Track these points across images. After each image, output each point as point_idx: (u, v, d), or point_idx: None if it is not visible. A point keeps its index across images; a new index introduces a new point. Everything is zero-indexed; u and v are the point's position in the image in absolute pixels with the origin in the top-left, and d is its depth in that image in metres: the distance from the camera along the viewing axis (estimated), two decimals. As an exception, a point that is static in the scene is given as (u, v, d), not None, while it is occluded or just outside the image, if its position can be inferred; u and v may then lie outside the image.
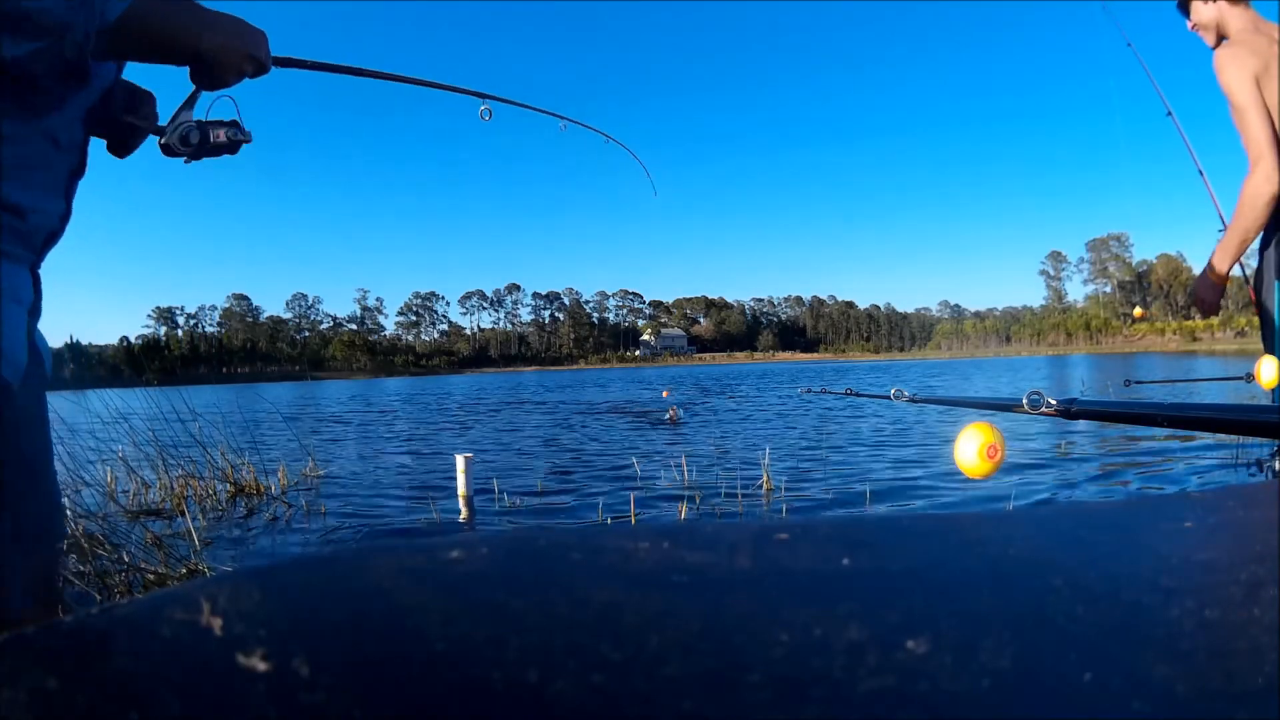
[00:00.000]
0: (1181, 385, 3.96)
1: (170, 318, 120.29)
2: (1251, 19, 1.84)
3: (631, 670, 0.12)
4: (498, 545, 0.17)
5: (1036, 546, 0.19)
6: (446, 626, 0.13)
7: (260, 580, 0.14)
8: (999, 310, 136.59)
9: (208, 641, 0.12)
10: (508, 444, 6.70)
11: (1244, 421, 0.75)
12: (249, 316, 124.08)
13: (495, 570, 0.16)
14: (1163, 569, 0.18)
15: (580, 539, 0.18)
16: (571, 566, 0.16)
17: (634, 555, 0.16)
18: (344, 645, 0.12)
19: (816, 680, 0.12)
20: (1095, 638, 0.14)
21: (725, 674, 0.12)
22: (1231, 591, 0.16)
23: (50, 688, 0.11)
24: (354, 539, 3.03)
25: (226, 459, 4.14)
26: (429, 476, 4.65)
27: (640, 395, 14.40)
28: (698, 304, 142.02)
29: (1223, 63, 1.77)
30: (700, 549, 0.17)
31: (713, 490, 3.67)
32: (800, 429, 6.98)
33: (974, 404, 1.25)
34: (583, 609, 0.14)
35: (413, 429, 8.93)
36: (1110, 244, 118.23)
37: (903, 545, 0.19)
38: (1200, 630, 0.14)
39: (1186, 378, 4.54)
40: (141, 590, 2.14)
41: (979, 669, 0.12)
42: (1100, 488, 3.63)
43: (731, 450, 5.43)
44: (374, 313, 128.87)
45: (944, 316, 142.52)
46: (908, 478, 3.96)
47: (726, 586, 0.15)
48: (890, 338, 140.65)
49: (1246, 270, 2.02)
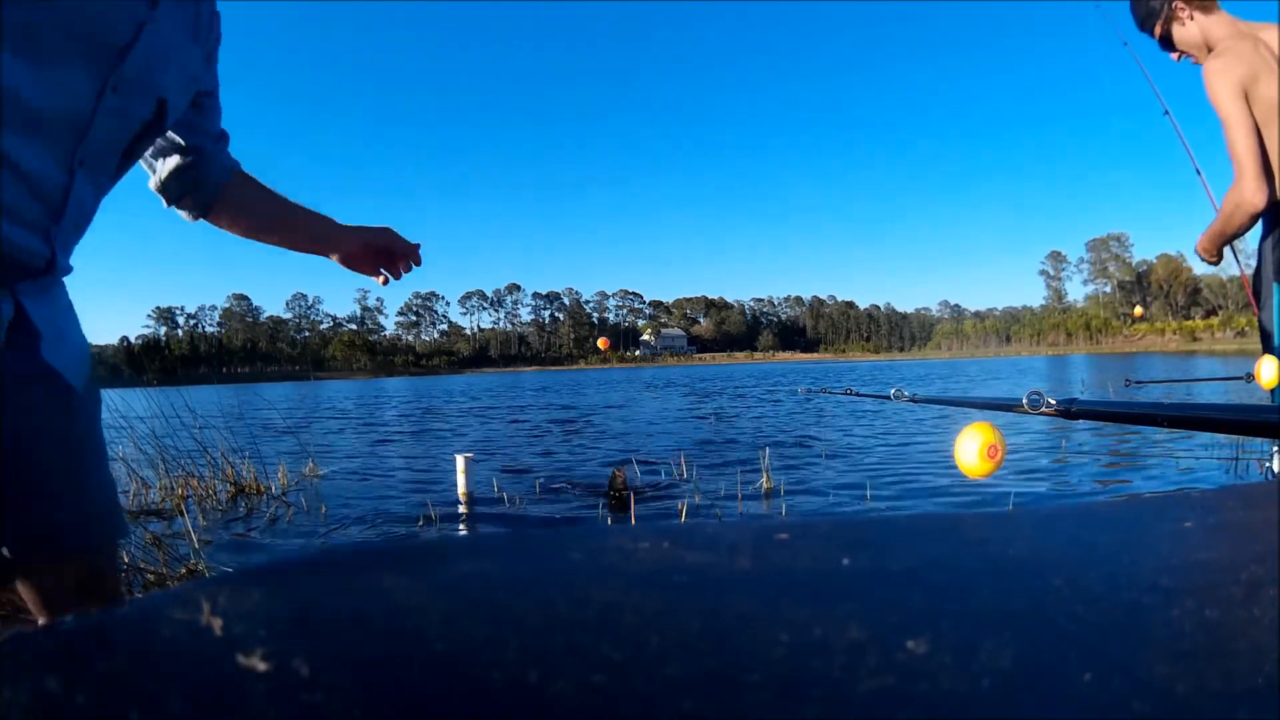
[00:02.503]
0: (1181, 385, 3.96)
1: (170, 318, 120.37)
2: (1230, 24, 1.84)
3: (631, 670, 0.12)
4: (498, 545, 0.17)
5: (1036, 546, 0.19)
6: (446, 626, 0.13)
7: (260, 580, 0.14)
8: (999, 310, 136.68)
9: (208, 641, 0.12)
10: (508, 444, 6.70)
11: (1244, 421, 0.75)
12: (249, 316, 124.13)
13: (495, 570, 0.16)
14: (1163, 569, 0.18)
15: (580, 539, 0.18)
16: (571, 566, 0.16)
17: (634, 555, 0.16)
18: (344, 645, 0.12)
19: (816, 680, 0.12)
20: (1095, 638, 0.14)
21: (725, 674, 0.12)
22: (1231, 591, 0.16)
23: (50, 688, 0.11)
24: (354, 539, 3.02)
25: (226, 459, 4.14)
26: (429, 476, 4.65)
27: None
28: (698, 304, 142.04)
29: (1209, 75, 1.78)
30: (700, 549, 0.17)
31: (713, 490, 3.68)
32: (800, 429, 6.98)
33: (974, 404, 1.24)
34: (583, 609, 0.14)
35: (413, 429, 8.93)
36: (1110, 244, 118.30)
37: (903, 545, 0.19)
38: (1200, 630, 0.14)
39: (1186, 378, 4.55)
40: (141, 590, 2.14)
41: (979, 669, 0.12)
42: (1100, 488, 3.63)
43: (731, 450, 5.43)
44: (374, 313, 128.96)
45: (944, 316, 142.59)
46: (908, 478, 3.96)
47: (726, 586, 0.15)
48: (890, 338, 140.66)
49: (1246, 270, 2.02)
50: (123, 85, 0.70)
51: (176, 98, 0.79)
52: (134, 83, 0.71)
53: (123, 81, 0.70)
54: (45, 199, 0.67)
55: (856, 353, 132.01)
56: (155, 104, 0.76)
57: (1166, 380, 4.08)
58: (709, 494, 3.58)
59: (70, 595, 0.77)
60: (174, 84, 0.78)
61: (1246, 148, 1.71)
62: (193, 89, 0.83)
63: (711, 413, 9.63)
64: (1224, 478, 3.67)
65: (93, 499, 0.80)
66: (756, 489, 3.68)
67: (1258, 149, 1.71)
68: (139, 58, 0.71)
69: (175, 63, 0.77)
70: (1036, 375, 20.33)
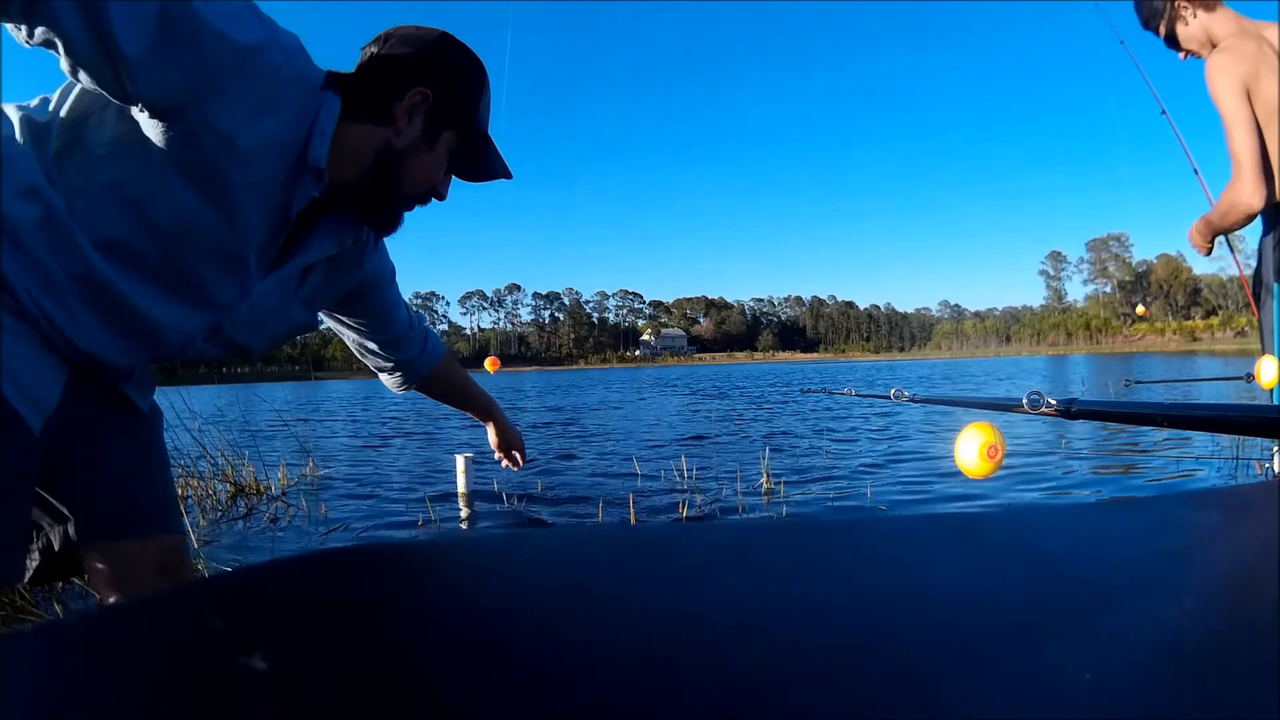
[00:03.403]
0: (1181, 385, 3.96)
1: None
2: (1235, 21, 1.83)
3: (632, 670, 0.12)
4: (497, 545, 0.17)
5: (1037, 546, 0.19)
6: (446, 626, 0.13)
7: (260, 580, 0.14)
8: (999, 310, 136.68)
9: (208, 641, 0.12)
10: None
11: (1244, 421, 0.75)
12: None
13: (495, 570, 0.16)
14: (1163, 569, 0.18)
15: (580, 539, 0.18)
16: (571, 566, 0.16)
17: (632, 555, 0.16)
18: (344, 645, 0.12)
19: (818, 680, 0.12)
20: (1095, 637, 0.14)
21: (726, 674, 0.12)
22: (1231, 591, 0.16)
23: (50, 688, 0.11)
24: (354, 539, 3.02)
25: (226, 459, 4.14)
26: (429, 476, 4.65)
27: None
28: (698, 304, 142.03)
29: (1211, 72, 1.77)
30: (700, 549, 0.17)
31: (713, 490, 3.68)
32: (800, 429, 6.98)
33: (974, 404, 1.24)
34: (582, 607, 0.14)
35: (413, 429, 8.92)
36: (1110, 244, 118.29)
37: (903, 545, 0.19)
38: (1200, 630, 0.14)
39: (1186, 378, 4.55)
40: (141, 590, 2.13)
41: (979, 669, 0.12)
42: (1100, 488, 3.63)
43: (731, 450, 5.43)
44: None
45: (944, 316, 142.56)
46: (908, 478, 3.96)
47: (727, 586, 0.15)
48: (890, 338, 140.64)
49: (1246, 271, 2.02)
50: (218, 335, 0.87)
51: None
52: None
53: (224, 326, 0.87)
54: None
55: (856, 353, 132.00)
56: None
57: (1166, 380, 4.08)
58: (709, 494, 3.58)
59: (154, 576, 0.89)
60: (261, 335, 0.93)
61: (1246, 147, 1.70)
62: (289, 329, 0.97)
63: (712, 412, 9.63)
64: (1224, 478, 3.67)
65: (158, 490, 0.93)
66: (757, 488, 3.68)
67: (1257, 149, 1.70)
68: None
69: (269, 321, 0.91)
70: (1038, 375, 20.34)
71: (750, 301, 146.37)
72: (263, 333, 0.91)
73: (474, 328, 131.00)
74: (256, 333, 0.90)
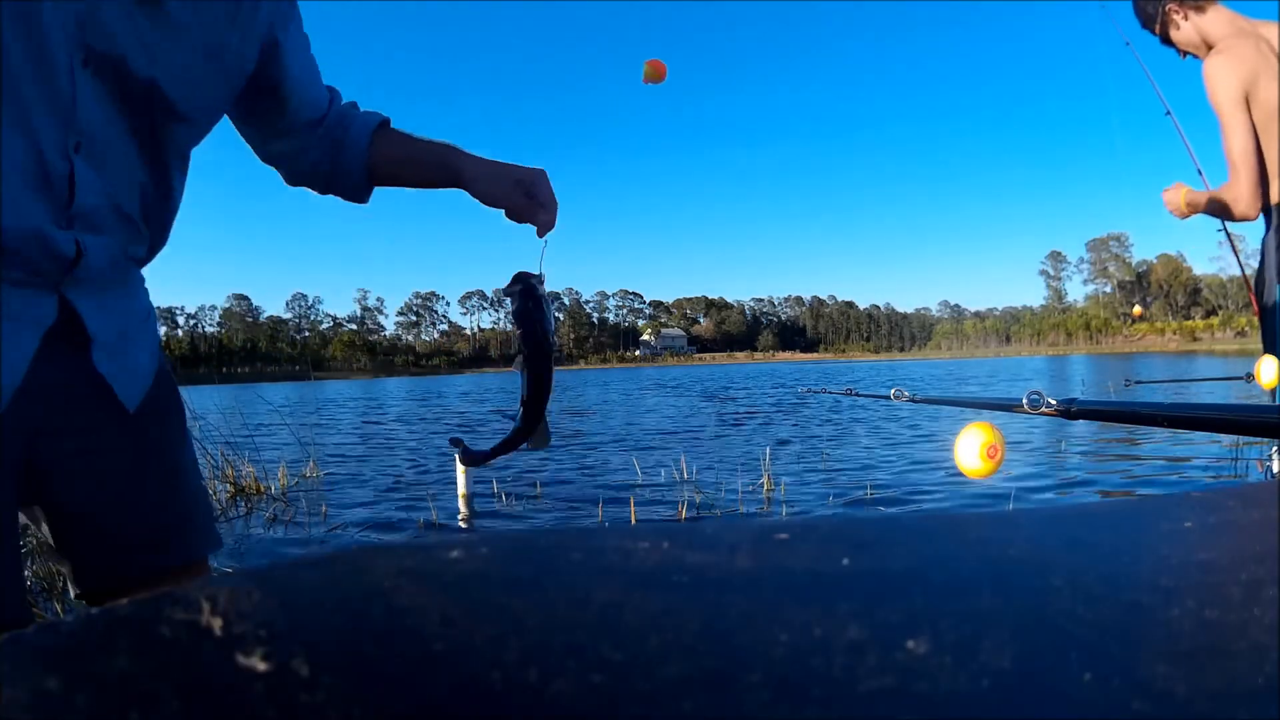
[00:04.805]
0: (1181, 385, 3.96)
1: (170, 317, 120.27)
2: (1230, 21, 1.82)
3: (631, 670, 0.12)
4: (498, 545, 0.17)
5: (1036, 546, 0.19)
6: (446, 627, 0.13)
7: (260, 580, 0.14)
8: (999, 310, 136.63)
9: (208, 641, 0.12)
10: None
11: (1244, 421, 0.75)
12: (249, 316, 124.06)
13: (495, 570, 0.16)
14: (1163, 569, 0.18)
15: (580, 539, 0.18)
16: (571, 566, 0.16)
17: (634, 555, 0.16)
18: (343, 645, 0.12)
19: (816, 680, 0.12)
20: (1095, 638, 0.14)
21: (725, 674, 0.12)
22: (1231, 591, 0.16)
23: (50, 688, 0.11)
24: (354, 539, 3.02)
25: (226, 459, 4.14)
26: (429, 476, 4.65)
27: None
28: (698, 304, 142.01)
29: (1208, 75, 1.76)
30: (700, 549, 0.17)
31: (713, 490, 3.68)
32: (800, 429, 6.98)
33: (974, 404, 1.24)
34: (583, 609, 0.14)
35: (413, 429, 8.92)
36: (1110, 244, 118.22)
37: (903, 545, 0.19)
38: (1200, 630, 0.14)
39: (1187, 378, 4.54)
40: (141, 590, 2.13)
41: (979, 669, 0.12)
42: (1100, 488, 3.63)
43: (731, 450, 5.43)
44: (374, 313, 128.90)
45: (944, 316, 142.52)
46: (908, 478, 3.96)
47: (726, 586, 0.15)
48: (890, 338, 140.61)
49: (1248, 270, 2.02)
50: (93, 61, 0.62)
51: (176, 87, 0.69)
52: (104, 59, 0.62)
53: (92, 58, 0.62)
54: (45, 187, 0.61)
55: (856, 353, 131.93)
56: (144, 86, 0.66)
57: (1166, 380, 4.08)
58: (709, 494, 3.58)
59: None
60: (169, 71, 0.67)
61: (1242, 152, 1.70)
62: (221, 75, 0.72)
63: (712, 412, 9.63)
64: (1224, 478, 3.67)
65: (158, 516, 0.74)
66: (757, 488, 3.68)
67: (1254, 153, 1.70)
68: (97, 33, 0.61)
69: (167, 48, 0.66)
70: (1038, 376, 20.32)
71: (750, 301, 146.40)
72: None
73: (474, 328, 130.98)
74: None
